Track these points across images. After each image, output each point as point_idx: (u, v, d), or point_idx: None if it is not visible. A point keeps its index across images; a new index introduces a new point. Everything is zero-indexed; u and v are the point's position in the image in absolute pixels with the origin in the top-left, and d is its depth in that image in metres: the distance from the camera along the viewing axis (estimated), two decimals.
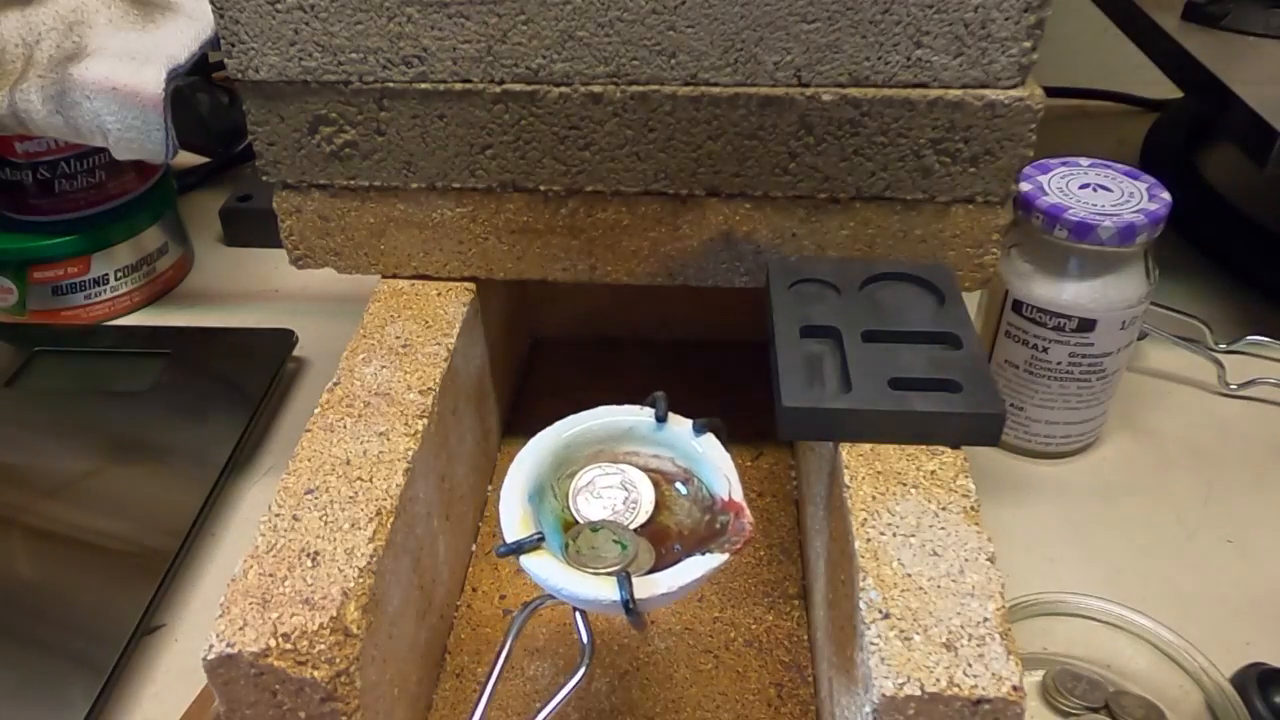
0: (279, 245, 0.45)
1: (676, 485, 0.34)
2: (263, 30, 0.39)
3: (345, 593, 0.31)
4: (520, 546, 0.30)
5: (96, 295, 0.61)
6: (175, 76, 0.52)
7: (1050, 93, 0.41)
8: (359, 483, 0.35)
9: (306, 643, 0.30)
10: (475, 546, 0.46)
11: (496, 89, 0.40)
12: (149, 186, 0.63)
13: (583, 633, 0.31)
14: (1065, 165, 0.48)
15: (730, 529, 0.31)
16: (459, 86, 0.40)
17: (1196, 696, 0.38)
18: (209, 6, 0.39)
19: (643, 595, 0.29)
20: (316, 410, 0.38)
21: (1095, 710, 0.38)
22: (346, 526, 0.33)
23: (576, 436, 0.34)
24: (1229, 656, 0.39)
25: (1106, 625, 0.40)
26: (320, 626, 0.30)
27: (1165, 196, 0.45)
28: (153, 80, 0.51)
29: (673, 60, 0.38)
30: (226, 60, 0.40)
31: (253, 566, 0.32)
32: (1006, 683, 0.28)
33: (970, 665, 0.28)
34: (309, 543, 0.32)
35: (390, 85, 0.40)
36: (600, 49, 0.38)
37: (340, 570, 0.32)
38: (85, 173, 0.59)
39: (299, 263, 0.45)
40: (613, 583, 0.29)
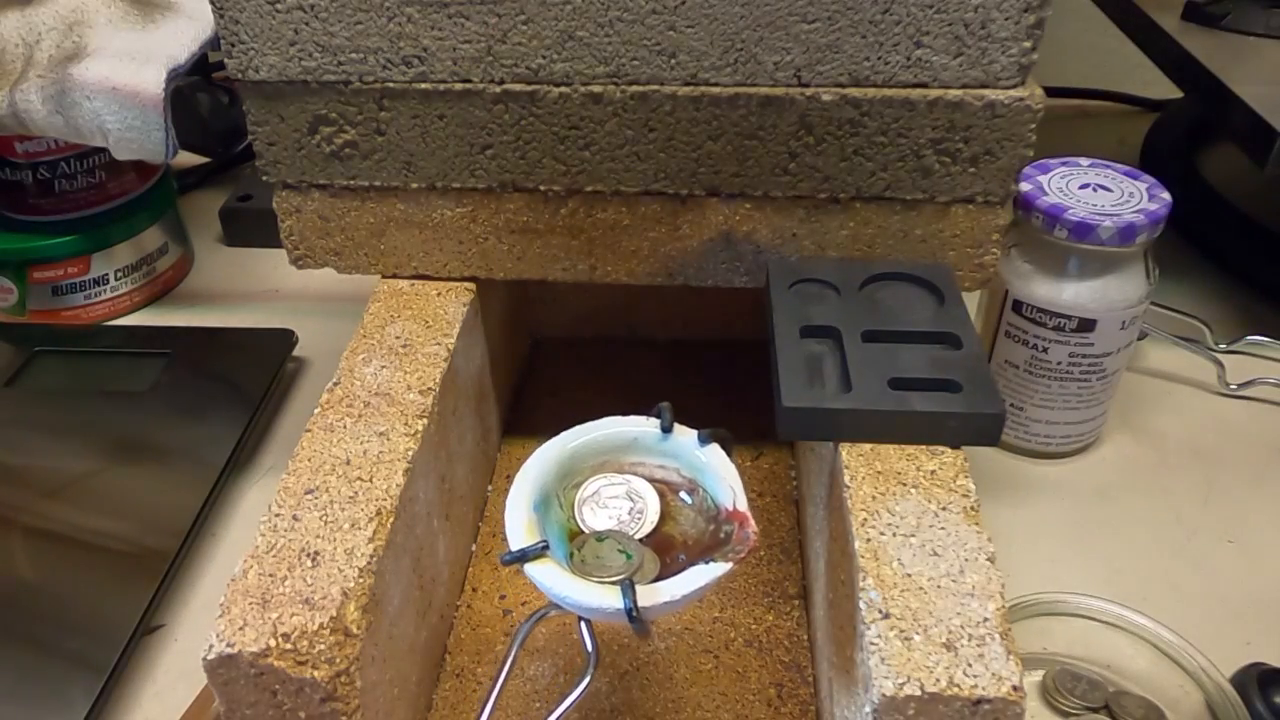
0: (279, 245, 0.45)
1: (681, 495, 0.34)
2: (263, 30, 0.39)
3: (345, 593, 0.31)
4: (525, 555, 0.30)
5: (96, 295, 0.61)
6: (175, 76, 0.52)
7: (1050, 93, 0.41)
8: (359, 483, 0.35)
9: (306, 643, 0.30)
10: (475, 546, 0.46)
11: (496, 89, 0.40)
12: (149, 186, 0.63)
13: (587, 641, 0.31)
14: (1065, 165, 0.48)
15: (734, 538, 0.31)
16: (459, 86, 0.40)
17: (1196, 696, 0.38)
18: (209, 6, 0.39)
19: (646, 604, 0.29)
20: (316, 410, 0.38)
21: (1095, 710, 0.38)
22: (346, 526, 0.33)
23: (582, 446, 0.34)
24: (1229, 656, 0.39)
25: (1106, 625, 0.40)
26: (320, 626, 0.30)
27: (1165, 196, 0.45)
28: (153, 80, 0.51)
29: (673, 60, 0.38)
30: (226, 60, 0.40)
31: (253, 566, 0.32)
32: (1006, 683, 0.28)
33: (970, 665, 0.28)
34: (309, 543, 0.32)
35: (390, 85, 0.40)
36: (600, 49, 0.38)
37: (340, 570, 0.32)
38: (85, 173, 0.59)
39: (299, 263, 0.45)
40: (617, 591, 0.29)
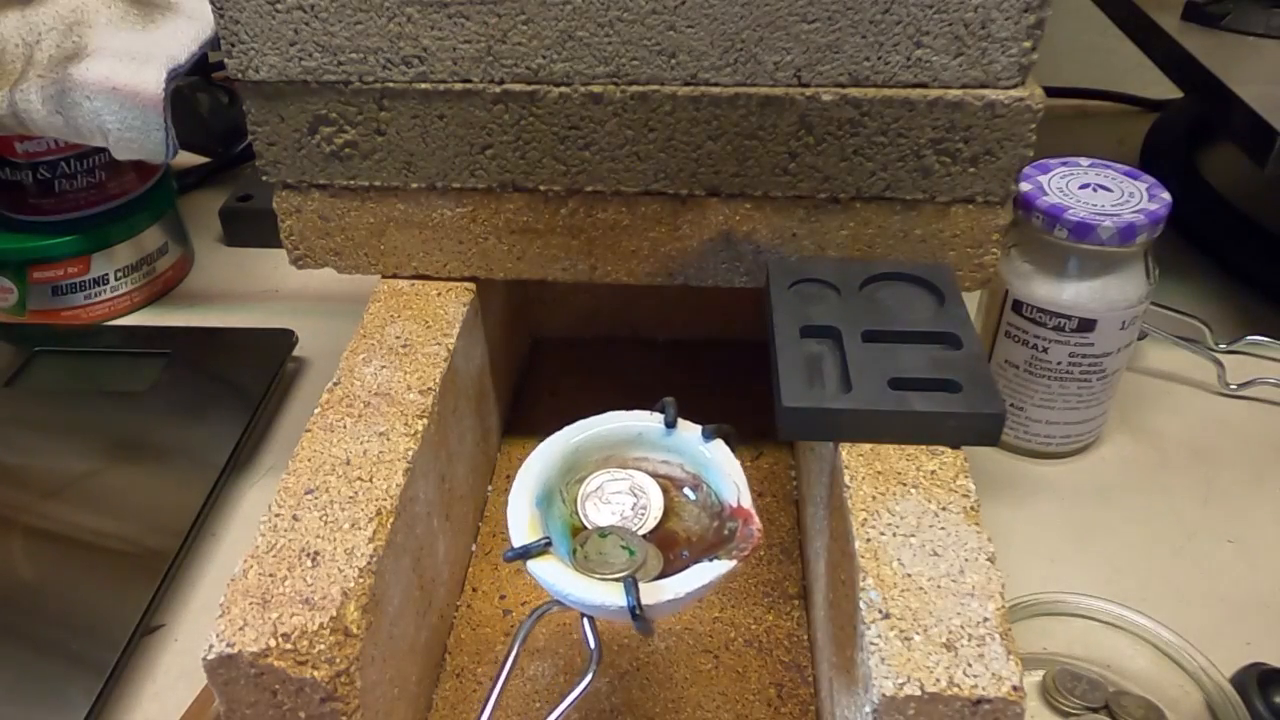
0: (279, 245, 0.45)
1: (685, 491, 0.33)
2: (263, 30, 0.39)
3: (345, 593, 0.31)
4: (528, 551, 0.30)
5: (96, 295, 0.61)
6: (175, 76, 0.52)
7: (1050, 93, 0.41)
8: (359, 483, 0.35)
9: (306, 643, 0.30)
10: (475, 546, 0.46)
11: (496, 89, 0.40)
12: (149, 186, 0.63)
13: (590, 638, 0.31)
14: (1065, 165, 0.48)
15: (738, 535, 0.31)
16: (459, 86, 0.40)
17: (1196, 696, 0.38)
18: (209, 6, 0.39)
19: (650, 601, 0.29)
20: (316, 410, 0.38)
21: (1095, 710, 0.38)
22: (346, 526, 0.33)
23: (585, 442, 0.34)
24: (1229, 656, 0.39)
25: (1106, 625, 0.40)
26: (320, 626, 0.30)
27: (1165, 196, 0.45)
28: (153, 80, 0.51)
29: (673, 60, 0.38)
30: (226, 60, 0.40)
31: (253, 566, 0.32)
32: (1006, 683, 0.28)
33: (970, 665, 0.28)
34: (309, 543, 0.32)
35: (390, 85, 0.40)
36: (600, 49, 0.38)
37: (340, 570, 0.32)
38: (85, 173, 0.59)
39: (299, 263, 0.45)
40: (620, 588, 0.29)
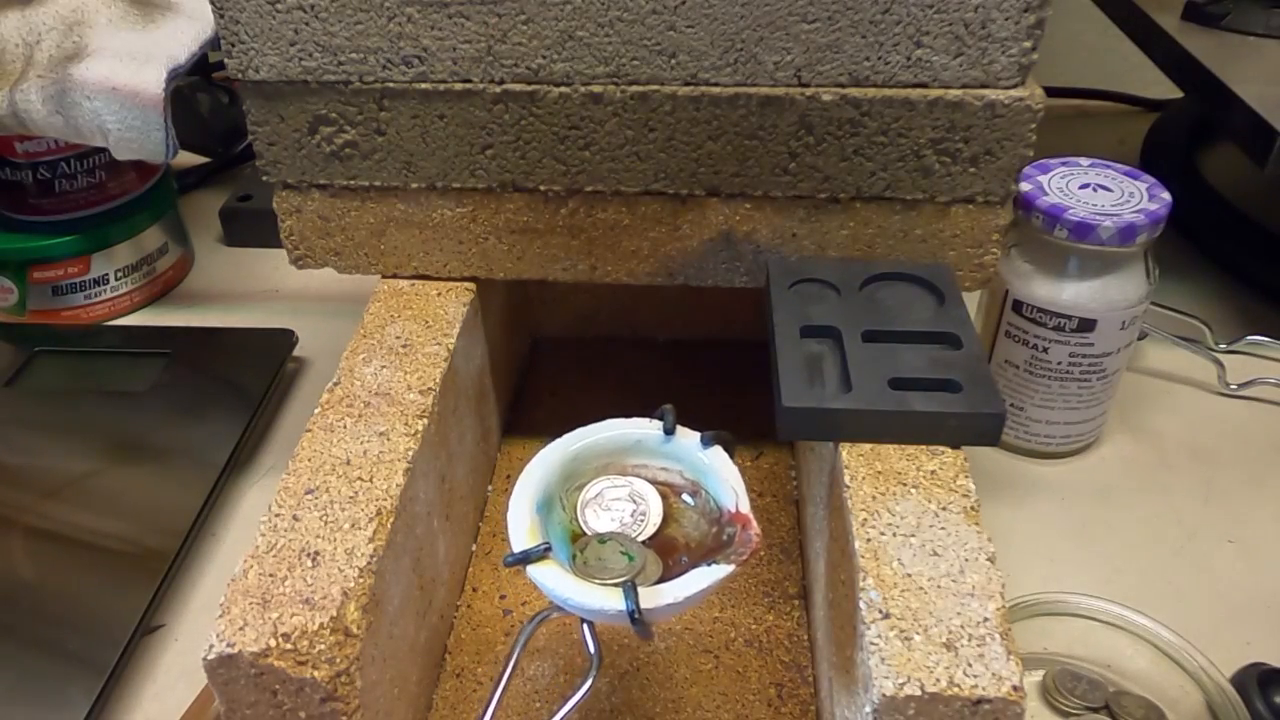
0: (279, 245, 0.45)
1: (684, 497, 0.34)
2: (263, 30, 0.39)
3: (345, 593, 0.31)
4: (528, 556, 0.30)
5: (96, 295, 0.61)
6: (175, 76, 0.52)
7: (1050, 93, 0.41)
8: (359, 483, 0.35)
9: (306, 643, 0.30)
10: (475, 546, 0.46)
11: (496, 89, 0.40)
12: (149, 186, 0.63)
13: (590, 643, 0.31)
14: (1065, 165, 0.48)
15: (737, 540, 0.31)
16: (459, 86, 0.40)
17: (1196, 696, 0.38)
18: (209, 6, 0.39)
19: (649, 605, 0.29)
20: (316, 410, 0.38)
21: (1095, 710, 0.38)
22: (346, 526, 0.33)
23: (585, 449, 0.34)
24: (1229, 656, 0.39)
25: (1106, 625, 0.40)
26: (320, 626, 0.30)
27: (1165, 196, 0.45)
28: (153, 80, 0.51)
29: (673, 60, 0.38)
30: (226, 60, 0.40)
31: (253, 566, 0.32)
32: (1006, 683, 0.28)
33: (970, 665, 0.28)
34: (309, 543, 0.32)
35: (390, 85, 0.40)
36: (600, 49, 0.38)
37: (340, 570, 0.32)
38: (85, 173, 0.59)
39: (299, 263, 0.45)
40: (619, 593, 0.29)
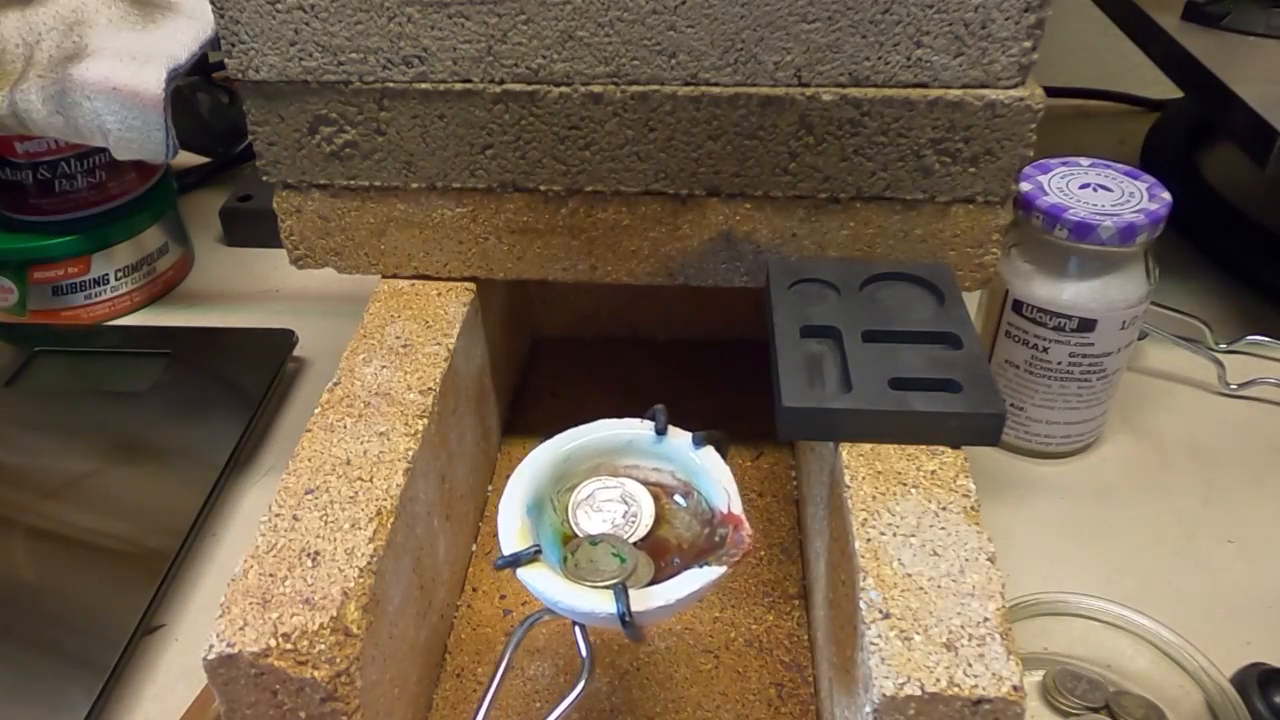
0: (279, 245, 0.45)
1: (676, 498, 0.34)
2: (263, 30, 0.39)
3: (345, 593, 0.31)
4: (518, 559, 0.30)
5: (96, 295, 0.61)
6: (175, 76, 0.52)
7: (1050, 93, 0.41)
8: (359, 483, 0.35)
9: (307, 643, 0.30)
10: (475, 546, 0.46)
11: (496, 89, 0.40)
12: (149, 186, 0.63)
13: (582, 646, 0.31)
14: (1065, 165, 0.48)
15: (729, 541, 0.31)
16: (459, 86, 0.40)
17: (1196, 696, 0.38)
18: (209, 6, 0.39)
19: (640, 608, 0.29)
20: (316, 410, 0.38)
21: (1095, 710, 0.38)
22: (346, 526, 0.33)
23: (576, 449, 0.34)
24: (1229, 656, 0.39)
25: (1106, 625, 0.40)
26: (320, 626, 0.30)
27: (1165, 196, 0.45)
28: (153, 80, 0.51)
29: (673, 60, 0.38)
30: (226, 60, 0.40)
31: (253, 566, 0.32)
32: (1006, 683, 0.28)
33: (970, 665, 0.28)
34: (309, 543, 0.32)
35: (390, 85, 0.40)
36: (600, 49, 0.38)
37: (340, 570, 0.32)
38: (85, 173, 0.59)
39: (299, 263, 0.45)
40: (610, 596, 0.29)
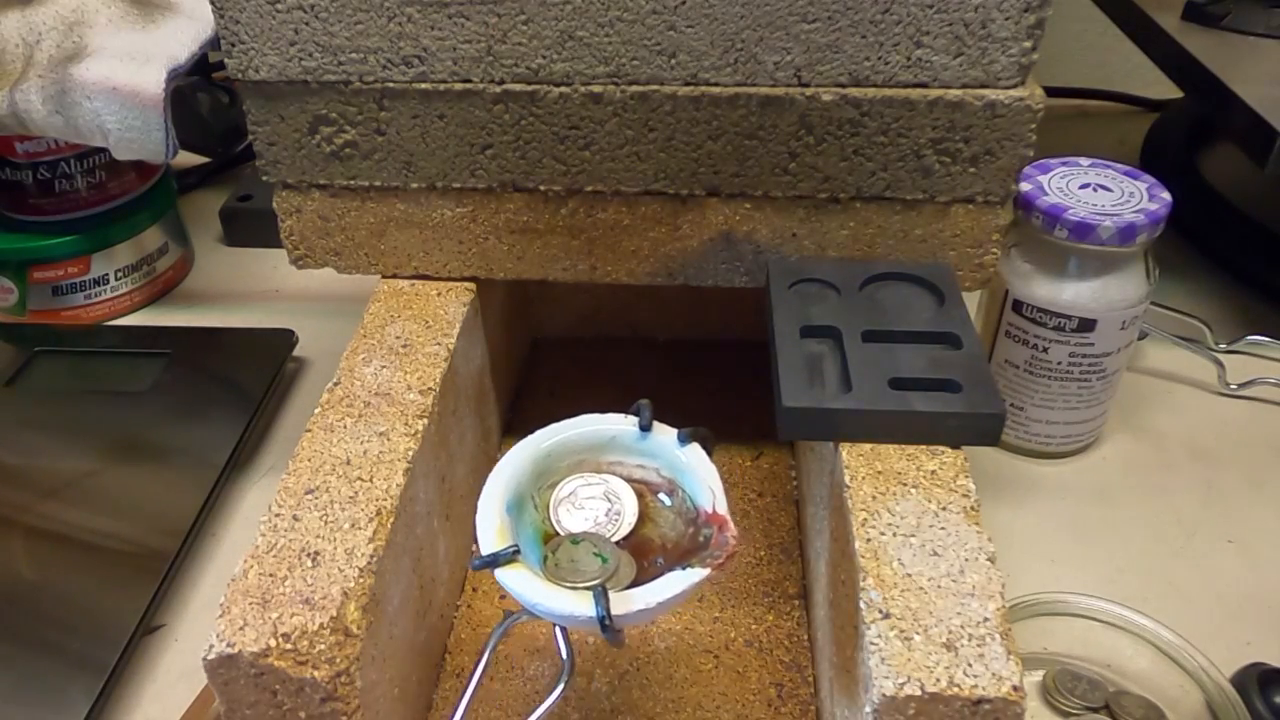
0: (279, 245, 0.45)
1: (660, 496, 0.33)
2: (263, 30, 0.39)
3: (345, 593, 0.31)
4: (495, 560, 0.30)
5: (96, 295, 0.61)
6: (175, 76, 0.52)
7: (1050, 93, 0.41)
8: (359, 483, 0.35)
9: (306, 643, 0.30)
10: (475, 547, 0.46)
11: (496, 89, 0.40)
12: (149, 186, 0.63)
13: (562, 649, 0.30)
14: (1065, 165, 0.48)
15: (713, 542, 0.30)
16: (459, 86, 0.40)
17: (1196, 696, 0.38)
18: (209, 6, 0.39)
19: (620, 611, 0.28)
20: (316, 410, 0.38)
21: (1095, 710, 0.38)
22: (346, 526, 0.33)
23: (558, 445, 0.33)
24: (1229, 656, 0.39)
25: (1106, 625, 0.40)
26: (320, 626, 0.30)
27: (1165, 196, 0.45)
28: (153, 80, 0.51)
29: (673, 60, 0.38)
30: (226, 60, 0.40)
31: (253, 566, 0.32)
32: (1006, 683, 0.28)
33: (970, 665, 0.28)
34: (309, 543, 0.32)
35: (390, 85, 0.40)
36: (600, 49, 0.38)
37: (340, 570, 0.32)
38: (85, 173, 0.59)
39: (299, 263, 0.45)
40: (590, 598, 0.28)
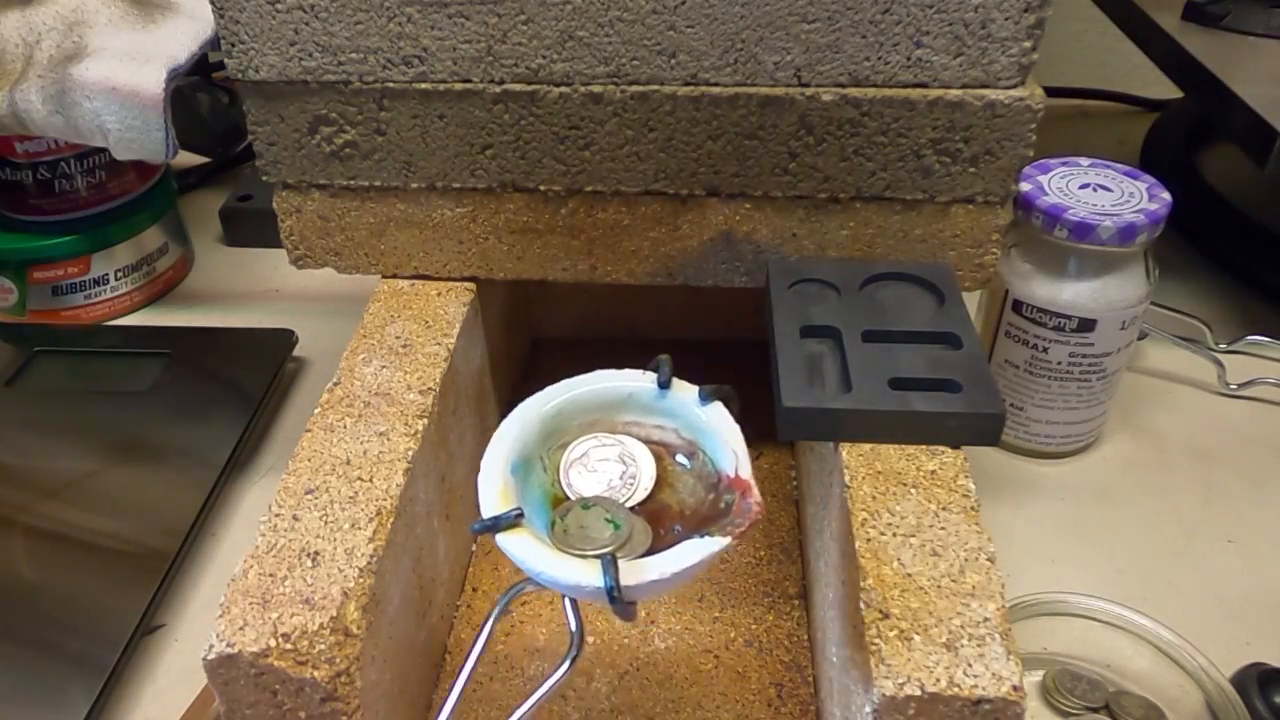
0: (279, 245, 0.45)
1: (679, 459, 0.31)
2: (263, 30, 0.39)
3: (345, 593, 0.31)
4: (497, 523, 0.27)
5: (96, 295, 0.61)
6: (175, 76, 0.52)
7: (1050, 93, 0.41)
8: (359, 483, 0.35)
9: (306, 643, 0.30)
10: (475, 546, 0.46)
11: (496, 89, 0.40)
12: (149, 186, 0.63)
13: (571, 620, 0.28)
14: (1065, 165, 0.48)
15: (735, 509, 0.28)
16: (459, 86, 0.40)
17: (1196, 696, 0.38)
18: (209, 6, 0.39)
19: (630, 582, 0.26)
20: (316, 410, 0.38)
21: (1095, 710, 0.38)
22: (346, 526, 0.33)
23: (569, 403, 0.31)
24: (1229, 656, 0.39)
25: (1106, 625, 0.40)
26: (320, 626, 0.30)
27: (1165, 196, 0.45)
28: (153, 80, 0.51)
29: (673, 60, 0.38)
30: (226, 60, 0.40)
31: (253, 566, 0.32)
32: (1006, 683, 0.28)
33: (970, 665, 0.28)
34: (309, 543, 0.32)
35: (390, 85, 0.40)
36: (600, 49, 0.38)
37: (340, 570, 0.32)
38: (85, 173, 0.59)
39: (299, 263, 0.45)
40: (598, 566, 0.26)
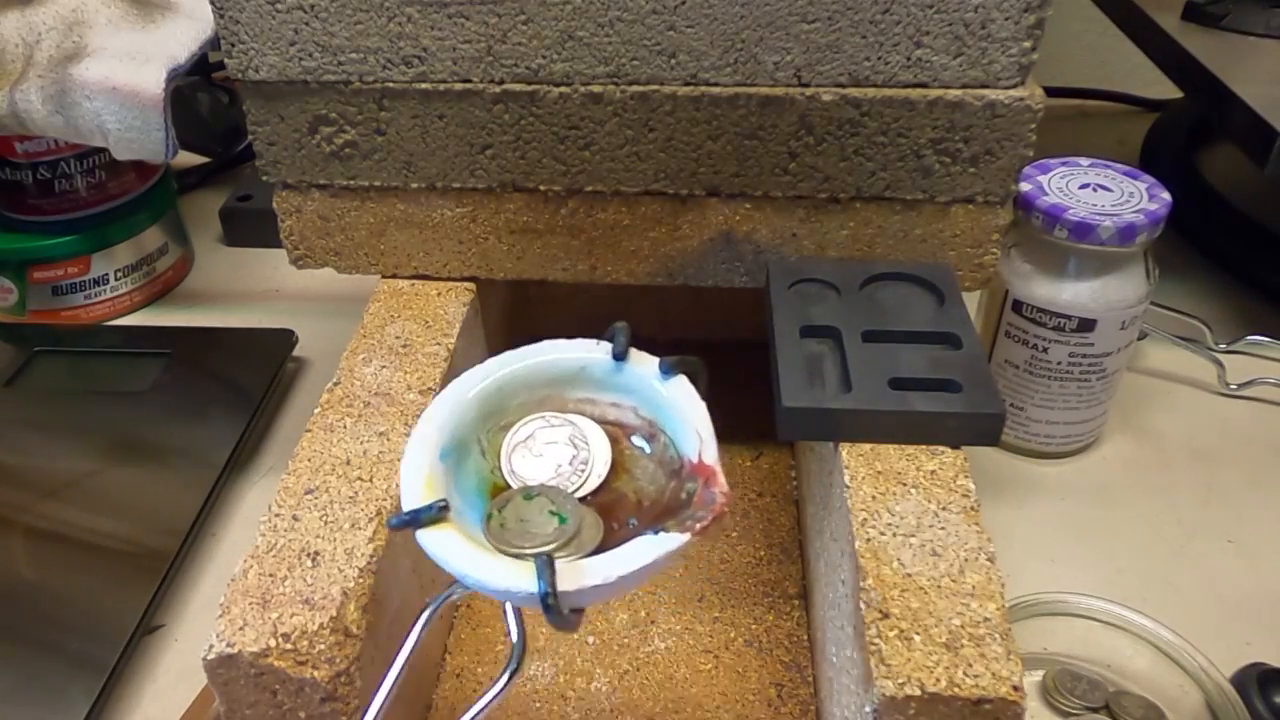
0: (279, 245, 0.45)
1: (637, 441, 0.27)
2: (263, 30, 0.39)
3: (345, 593, 0.31)
4: (417, 518, 0.23)
5: (96, 295, 0.61)
6: (175, 76, 0.52)
7: (1050, 93, 0.41)
8: (359, 483, 0.35)
9: (306, 643, 0.30)
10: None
11: (496, 89, 0.40)
12: (149, 186, 0.63)
13: (512, 629, 0.25)
14: (1065, 165, 0.48)
15: (697, 500, 0.24)
16: (459, 86, 0.40)
17: (1196, 696, 0.38)
18: (209, 6, 0.39)
19: (569, 587, 0.23)
20: (316, 410, 0.38)
21: (1095, 710, 0.38)
22: (346, 526, 0.33)
23: (512, 378, 0.27)
24: (1229, 656, 0.39)
25: (1106, 625, 0.40)
26: (320, 626, 0.30)
27: (1165, 196, 0.45)
28: (153, 80, 0.51)
29: (673, 60, 0.38)
30: (226, 60, 0.40)
31: (253, 566, 0.32)
32: (1006, 683, 0.28)
33: (970, 665, 0.28)
34: (309, 543, 0.32)
35: (390, 85, 0.40)
36: (600, 49, 0.38)
37: (340, 570, 0.32)
38: (85, 173, 0.59)
39: (299, 263, 0.45)
40: (532, 569, 0.23)
